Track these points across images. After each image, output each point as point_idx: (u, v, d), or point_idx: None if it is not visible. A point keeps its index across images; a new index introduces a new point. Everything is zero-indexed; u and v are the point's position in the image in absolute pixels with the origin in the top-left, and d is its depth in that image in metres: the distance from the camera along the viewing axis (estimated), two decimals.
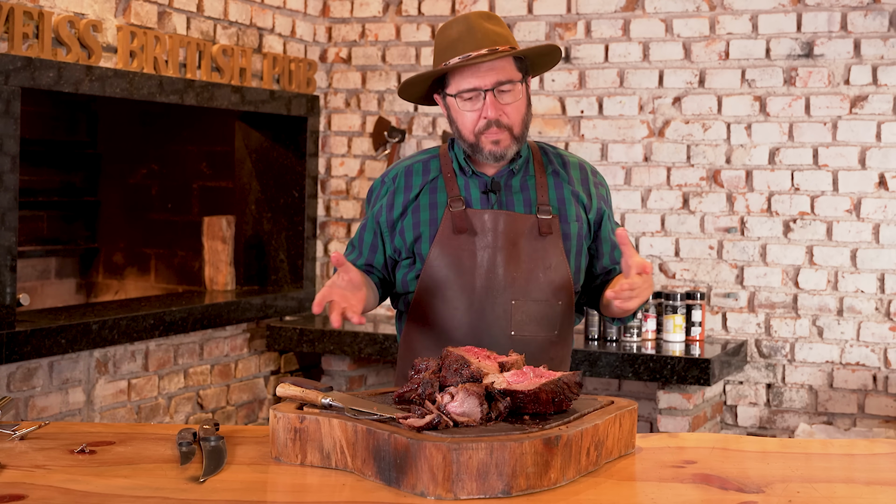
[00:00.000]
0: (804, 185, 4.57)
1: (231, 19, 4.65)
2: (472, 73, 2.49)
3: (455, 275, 2.54)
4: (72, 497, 1.82)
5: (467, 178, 2.60)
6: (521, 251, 2.55)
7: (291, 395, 2.13)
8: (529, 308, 2.55)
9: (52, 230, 5.13)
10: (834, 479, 2.02)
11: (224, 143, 5.12)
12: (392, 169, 2.68)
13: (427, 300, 2.57)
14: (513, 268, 2.54)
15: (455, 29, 2.53)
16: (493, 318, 2.53)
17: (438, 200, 2.59)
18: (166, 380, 4.47)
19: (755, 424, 4.66)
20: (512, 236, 2.54)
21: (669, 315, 4.48)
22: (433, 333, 2.57)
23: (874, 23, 4.46)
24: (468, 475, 1.81)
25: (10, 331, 3.63)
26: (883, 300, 4.46)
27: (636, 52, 4.78)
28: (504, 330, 2.53)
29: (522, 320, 2.54)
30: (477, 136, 2.52)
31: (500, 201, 2.58)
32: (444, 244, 2.55)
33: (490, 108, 2.49)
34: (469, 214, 2.56)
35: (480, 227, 2.55)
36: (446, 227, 2.55)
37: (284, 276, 5.07)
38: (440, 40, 2.55)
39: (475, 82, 2.49)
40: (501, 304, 2.53)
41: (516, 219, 2.56)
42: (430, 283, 2.56)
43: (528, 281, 2.54)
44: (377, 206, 2.65)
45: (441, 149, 2.67)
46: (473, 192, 2.59)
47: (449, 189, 2.58)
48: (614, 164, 4.83)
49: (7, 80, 3.59)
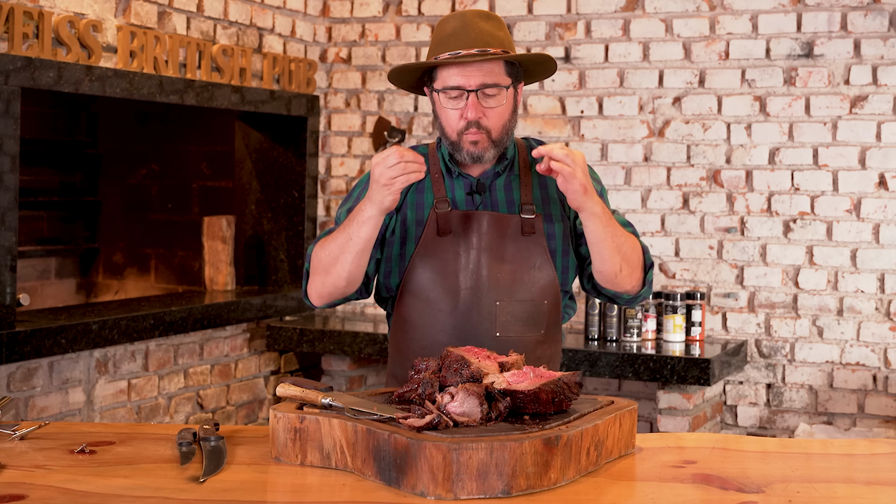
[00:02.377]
0: (804, 185, 4.57)
1: (231, 19, 4.65)
2: (459, 71, 2.47)
3: (440, 276, 2.53)
4: (72, 497, 1.82)
5: (453, 179, 2.59)
6: (505, 252, 2.54)
7: (291, 395, 2.13)
8: (514, 308, 2.53)
9: (52, 230, 5.13)
10: (834, 479, 2.02)
11: (224, 143, 5.12)
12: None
13: (412, 302, 2.57)
14: (497, 268, 2.52)
15: (451, 24, 2.51)
16: (477, 320, 2.52)
17: (426, 201, 2.58)
18: (166, 380, 4.47)
19: (755, 424, 4.66)
20: (496, 237, 2.53)
21: (669, 315, 4.48)
22: (419, 335, 2.56)
23: (874, 23, 4.46)
24: (468, 475, 1.81)
25: (10, 331, 3.63)
26: (883, 300, 4.46)
27: (636, 52, 4.78)
28: (489, 331, 2.52)
29: (507, 321, 2.53)
30: (458, 134, 2.51)
31: (485, 202, 2.57)
32: (429, 246, 2.54)
33: (471, 108, 2.47)
34: (453, 216, 2.55)
35: (464, 228, 2.54)
36: (431, 229, 2.54)
37: (284, 276, 5.07)
38: (436, 33, 2.54)
39: (460, 81, 2.47)
40: (486, 306, 2.52)
41: (500, 219, 2.54)
42: (415, 286, 2.55)
43: (512, 281, 2.53)
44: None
45: (430, 148, 2.66)
46: (459, 193, 2.58)
47: (436, 190, 2.57)
48: (614, 164, 4.83)
49: (7, 80, 3.59)
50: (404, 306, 2.58)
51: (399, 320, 2.61)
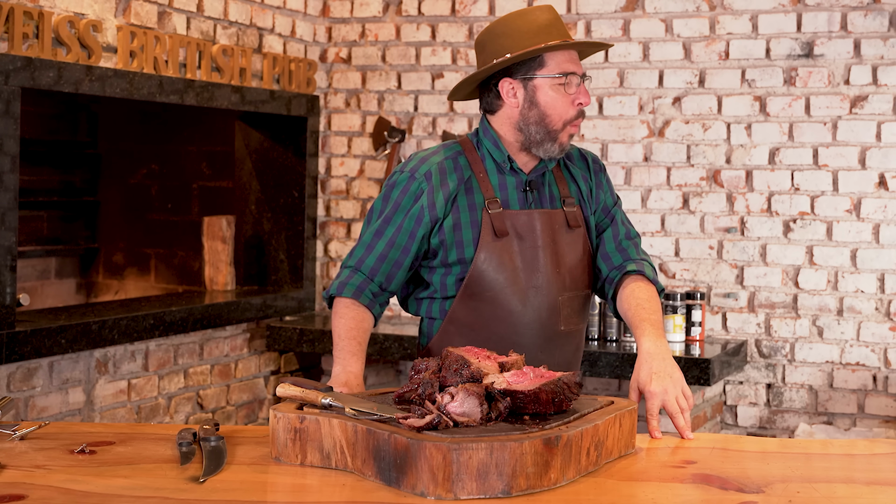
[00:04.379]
0: (804, 185, 4.57)
1: (231, 19, 4.65)
2: (569, 58, 2.52)
3: (503, 277, 2.54)
4: (72, 497, 1.82)
5: (503, 176, 2.59)
6: (560, 248, 2.59)
7: (291, 395, 2.13)
8: (573, 301, 2.62)
9: (52, 230, 5.13)
10: (834, 479, 2.02)
11: (224, 143, 5.12)
12: (420, 165, 2.58)
13: (474, 304, 2.56)
14: (556, 264, 2.58)
15: (543, 16, 2.53)
16: (547, 315, 2.57)
17: (476, 202, 2.56)
18: (166, 380, 4.47)
19: (755, 424, 4.66)
20: (550, 234, 2.58)
21: (669, 315, 4.48)
22: (479, 337, 2.54)
23: (874, 23, 4.46)
24: (468, 475, 1.81)
25: (10, 331, 3.63)
26: (883, 300, 4.46)
27: (636, 52, 4.78)
28: (555, 325, 2.59)
29: (568, 314, 2.61)
30: (565, 124, 2.53)
31: (535, 200, 2.61)
32: (489, 248, 2.54)
33: (584, 93, 2.52)
34: (506, 216, 2.56)
35: (520, 227, 2.56)
36: (487, 231, 2.54)
37: (284, 276, 5.07)
38: (523, 23, 2.52)
39: (573, 67, 2.52)
40: (552, 302, 2.58)
41: (550, 215, 2.59)
42: (478, 288, 2.55)
43: (570, 275, 2.61)
44: (410, 206, 2.56)
45: (463, 145, 2.62)
46: (511, 192, 2.59)
47: (483, 190, 2.57)
48: (614, 164, 4.82)
49: (7, 80, 3.59)
50: (465, 308, 2.57)
51: (455, 322, 2.58)
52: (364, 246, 2.59)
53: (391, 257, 2.57)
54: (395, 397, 2.13)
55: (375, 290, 2.59)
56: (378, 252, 2.57)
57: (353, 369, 2.47)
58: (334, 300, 2.60)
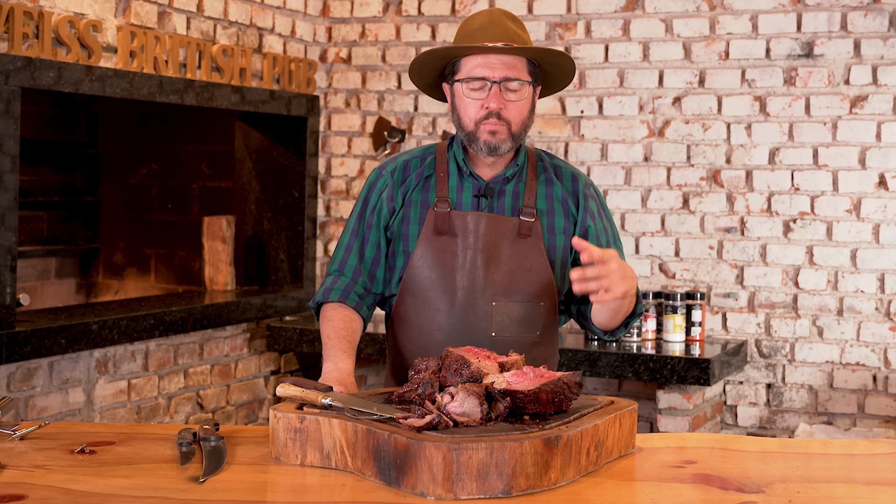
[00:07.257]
0: (804, 185, 4.57)
1: (231, 19, 4.65)
2: (483, 62, 2.50)
3: (437, 276, 2.54)
4: (72, 497, 1.82)
5: (461, 179, 2.60)
6: (501, 253, 2.55)
7: (291, 395, 2.13)
8: (511, 309, 2.54)
9: (52, 230, 5.13)
10: (834, 479, 2.02)
11: (224, 143, 5.12)
12: (390, 162, 2.67)
13: (409, 301, 2.58)
14: (493, 269, 2.53)
15: (478, 20, 2.54)
16: (474, 320, 2.53)
17: (429, 200, 2.59)
18: (166, 380, 4.47)
19: (755, 424, 4.66)
20: (493, 238, 2.54)
21: (669, 315, 4.48)
22: (416, 335, 2.57)
23: (874, 23, 4.46)
24: (468, 475, 1.81)
25: (10, 331, 3.63)
26: (883, 300, 4.46)
27: (636, 52, 4.78)
28: (485, 331, 2.53)
29: (503, 321, 2.54)
30: (476, 124, 2.52)
31: (490, 206, 2.58)
32: (427, 245, 2.55)
33: (493, 98, 2.49)
34: (452, 216, 2.56)
35: (462, 228, 2.55)
36: (429, 228, 2.55)
37: (284, 276, 5.07)
38: (462, 28, 2.56)
39: (485, 72, 2.49)
40: (482, 306, 2.53)
41: (498, 221, 2.56)
42: (413, 284, 2.57)
43: (508, 282, 2.54)
44: (376, 201, 2.63)
45: (439, 146, 2.66)
46: (465, 195, 2.59)
47: (438, 189, 2.58)
48: (614, 164, 4.82)
49: (7, 80, 3.59)
50: (402, 305, 2.60)
51: (397, 319, 2.62)
52: (343, 247, 2.65)
53: (368, 255, 2.62)
54: (395, 397, 2.13)
55: (361, 292, 2.62)
56: (356, 251, 2.63)
57: (344, 366, 2.48)
58: (321, 306, 2.63)
